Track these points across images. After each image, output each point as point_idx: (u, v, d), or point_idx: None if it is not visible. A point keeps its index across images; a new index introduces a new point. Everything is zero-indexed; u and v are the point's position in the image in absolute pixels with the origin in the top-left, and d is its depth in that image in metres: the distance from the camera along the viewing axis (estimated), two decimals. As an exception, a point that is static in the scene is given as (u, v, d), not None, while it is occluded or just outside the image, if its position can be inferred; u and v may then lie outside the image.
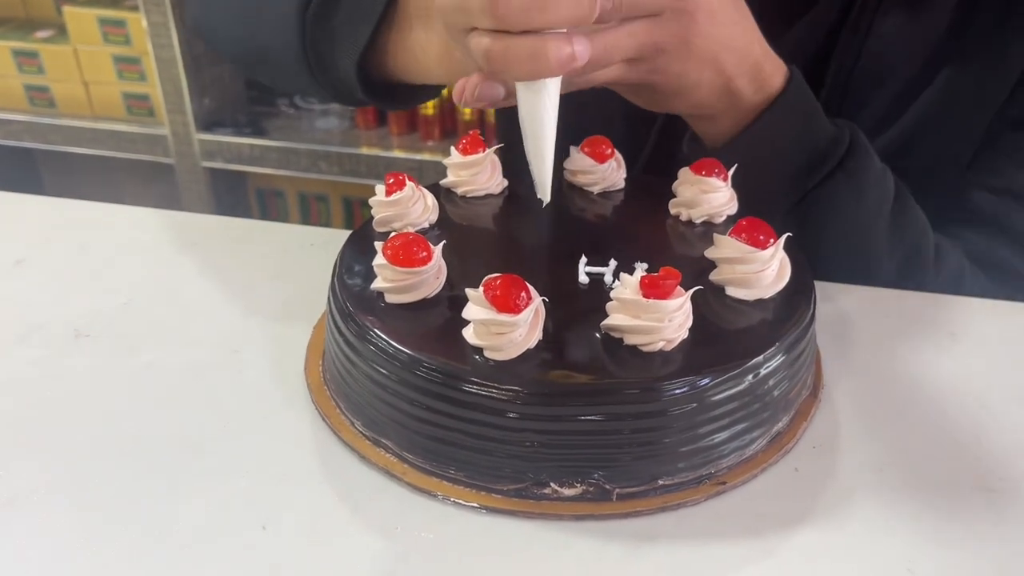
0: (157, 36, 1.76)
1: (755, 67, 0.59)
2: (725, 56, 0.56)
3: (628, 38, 0.52)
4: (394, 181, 0.56)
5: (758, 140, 0.61)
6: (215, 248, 0.70)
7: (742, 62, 0.58)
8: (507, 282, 0.45)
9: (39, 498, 0.46)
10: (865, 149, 0.64)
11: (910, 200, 0.68)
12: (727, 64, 0.57)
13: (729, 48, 0.56)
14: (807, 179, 0.63)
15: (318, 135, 1.89)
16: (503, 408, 0.44)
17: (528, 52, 0.46)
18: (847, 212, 0.64)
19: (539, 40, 0.45)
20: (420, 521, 0.45)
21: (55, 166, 2.30)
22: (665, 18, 0.53)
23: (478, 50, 0.47)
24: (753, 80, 0.59)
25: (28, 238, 0.71)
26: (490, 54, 0.46)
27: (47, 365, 0.56)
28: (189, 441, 0.50)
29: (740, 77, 0.58)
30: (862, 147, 0.63)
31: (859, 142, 0.63)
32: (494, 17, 0.45)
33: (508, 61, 0.46)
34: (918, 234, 0.68)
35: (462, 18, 0.47)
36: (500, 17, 0.45)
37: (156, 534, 0.44)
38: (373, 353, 0.47)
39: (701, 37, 0.54)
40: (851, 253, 0.67)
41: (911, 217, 0.68)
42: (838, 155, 0.62)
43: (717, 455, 0.47)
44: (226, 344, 0.58)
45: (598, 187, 0.63)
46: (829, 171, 0.62)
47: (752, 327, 0.49)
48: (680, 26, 0.53)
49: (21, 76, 1.93)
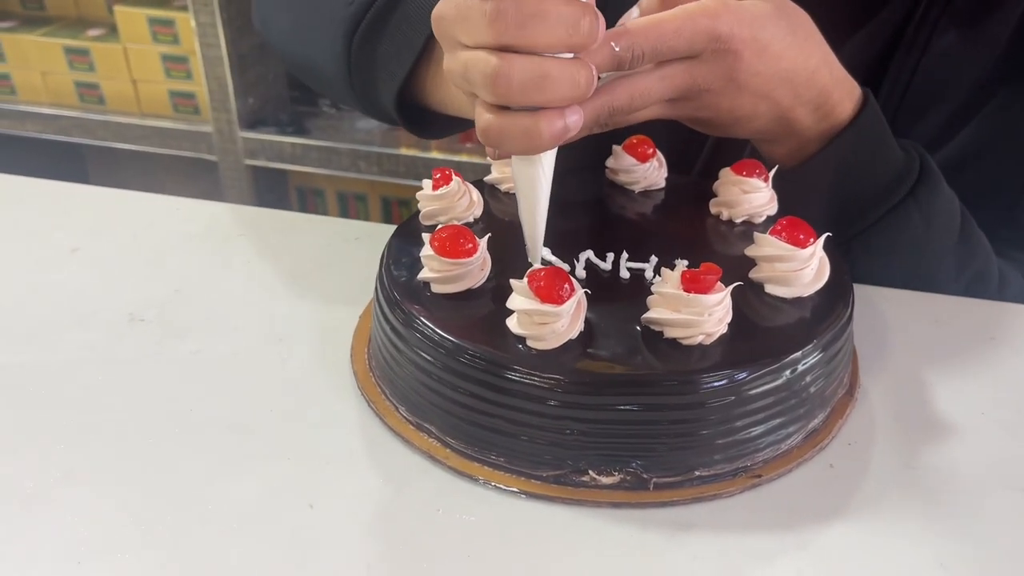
0: (204, 36, 1.79)
1: (820, 96, 0.57)
2: (781, 90, 0.55)
3: (660, 82, 0.51)
4: (441, 176, 0.58)
5: (823, 168, 0.60)
6: (262, 239, 0.72)
7: (802, 93, 0.56)
8: (551, 273, 0.46)
9: (91, 476, 0.48)
10: (936, 176, 0.62)
11: (974, 225, 0.67)
12: (784, 97, 0.55)
13: (787, 81, 0.54)
14: (877, 207, 0.61)
15: (358, 135, 1.91)
16: (544, 396, 0.45)
17: (522, 131, 0.46)
18: (916, 238, 0.63)
19: (531, 118, 0.45)
20: (461, 504, 0.46)
21: (102, 161, 2.35)
22: (704, 59, 0.51)
23: (477, 124, 0.47)
24: (817, 109, 0.57)
25: (82, 227, 0.74)
26: (487, 131, 0.47)
27: (101, 349, 0.58)
28: (238, 424, 0.52)
29: (801, 107, 0.56)
30: (933, 175, 0.62)
31: (929, 169, 0.62)
32: (495, 94, 0.45)
33: (503, 138, 0.46)
34: (983, 259, 0.67)
35: (466, 86, 0.48)
36: (500, 94, 0.45)
37: (204, 513, 0.46)
38: (419, 340, 0.48)
39: (750, 74, 0.52)
40: (918, 277, 0.66)
41: (976, 242, 0.67)
42: (909, 183, 0.61)
43: (753, 448, 0.48)
44: (273, 332, 0.60)
45: (639, 186, 0.64)
46: (900, 199, 0.61)
47: (790, 324, 0.50)
48: (724, 66, 0.52)
49: (72, 73, 1.98)
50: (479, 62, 0.45)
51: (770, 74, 0.53)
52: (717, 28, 0.50)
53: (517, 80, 0.44)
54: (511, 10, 0.43)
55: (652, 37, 0.49)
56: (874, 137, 0.60)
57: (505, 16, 0.43)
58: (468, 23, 0.45)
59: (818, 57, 0.56)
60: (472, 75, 0.46)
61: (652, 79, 0.51)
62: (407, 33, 0.61)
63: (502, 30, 0.43)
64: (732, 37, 0.51)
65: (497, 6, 0.43)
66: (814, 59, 0.55)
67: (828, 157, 0.59)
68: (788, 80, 0.54)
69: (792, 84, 0.55)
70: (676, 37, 0.50)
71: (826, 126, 0.59)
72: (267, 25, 0.78)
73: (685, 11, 0.50)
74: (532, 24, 0.43)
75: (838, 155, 0.59)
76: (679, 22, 0.50)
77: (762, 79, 0.53)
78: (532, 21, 0.43)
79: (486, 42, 0.45)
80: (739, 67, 0.52)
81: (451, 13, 0.47)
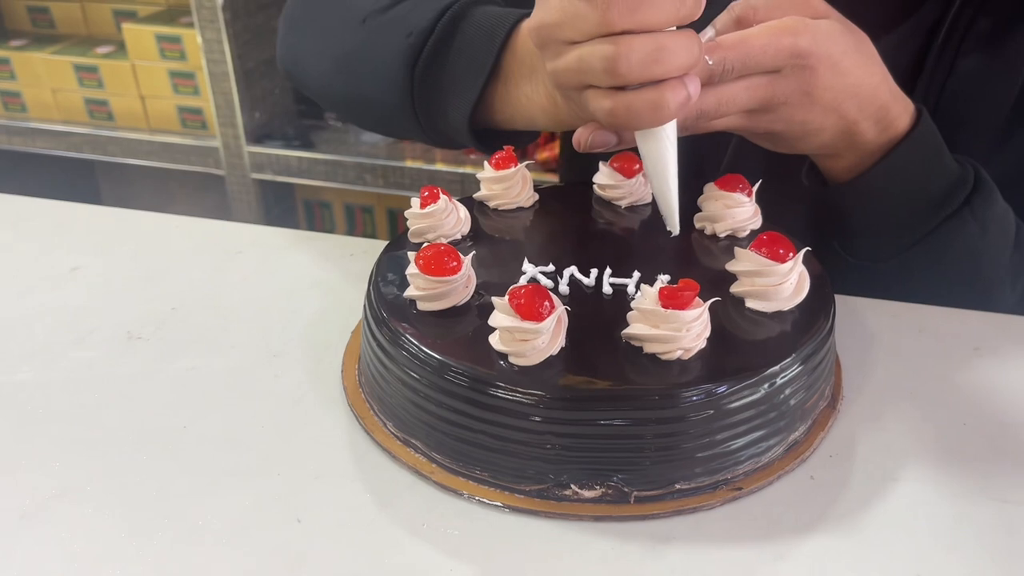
0: (211, 52, 1.81)
1: (881, 110, 0.59)
2: (849, 104, 0.57)
3: (745, 92, 0.54)
4: (429, 194, 0.59)
5: (883, 180, 0.61)
6: (259, 256, 0.73)
7: (867, 107, 0.58)
8: (531, 291, 0.47)
9: (86, 491, 0.49)
10: (989, 186, 0.64)
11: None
12: (850, 111, 0.57)
13: (854, 95, 0.56)
14: (932, 217, 0.63)
15: (364, 148, 1.93)
16: (526, 412, 0.46)
17: (649, 104, 0.49)
18: (972, 246, 0.64)
19: (657, 91, 0.48)
20: (446, 518, 0.47)
21: (112, 176, 2.38)
22: (785, 74, 0.54)
23: (600, 110, 0.50)
24: (878, 123, 0.59)
25: (83, 246, 0.75)
26: (614, 112, 0.49)
27: (99, 367, 0.59)
28: (230, 440, 0.53)
29: (864, 121, 0.58)
30: (987, 184, 0.64)
31: (983, 179, 0.64)
32: (615, 76, 0.48)
33: (631, 116, 0.49)
34: None
35: (578, 79, 0.50)
36: (621, 75, 0.48)
37: (196, 527, 0.47)
38: (405, 358, 0.49)
39: (823, 89, 0.55)
40: (975, 285, 0.67)
41: None
42: (964, 192, 0.63)
43: (734, 461, 0.49)
44: (268, 348, 0.61)
45: (625, 201, 0.65)
46: (955, 208, 0.63)
47: (770, 338, 0.51)
48: (801, 80, 0.54)
49: (82, 90, 2.01)
50: (595, 51, 0.48)
51: (840, 88, 0.56)
52: (799, 45, 0.53)
53: (636, 58, 0.47)
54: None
55: (741, 52, 0.52)
56: (930, 149, 0.62)
57: (616, 4, 0.46)
58: (577, 19, 0.48)
59: (879, 74, 0.58)
60: (590, 64, 0.48)
61: (738, 88, 0.54)
62: (472, 56, 0.62)
63: (615, 17, 0.46)
64: (811, 54, 0.53)
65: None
66: (876, 76, 0.58)
67: (888, 168, 0.61)
68: (855, 95, 0.57)
69: (858, 98, 0.57)
70: (762, 53, 0.53)
71: (885, 139, 0.60)
72: (300, 67, 0.78)
73: (769, 29, 0.53)
74: (642, 7, 0.46)
75: (897, 166, 0.61)
76: (765, 39, 0.53)
77: (833, 93, 0.55)
78: (642, 4, 0.46)
79: (599, 32, 0.48)
80: (814, 82, 0.54)
81: (554, 17, 0.50)
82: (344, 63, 0.71)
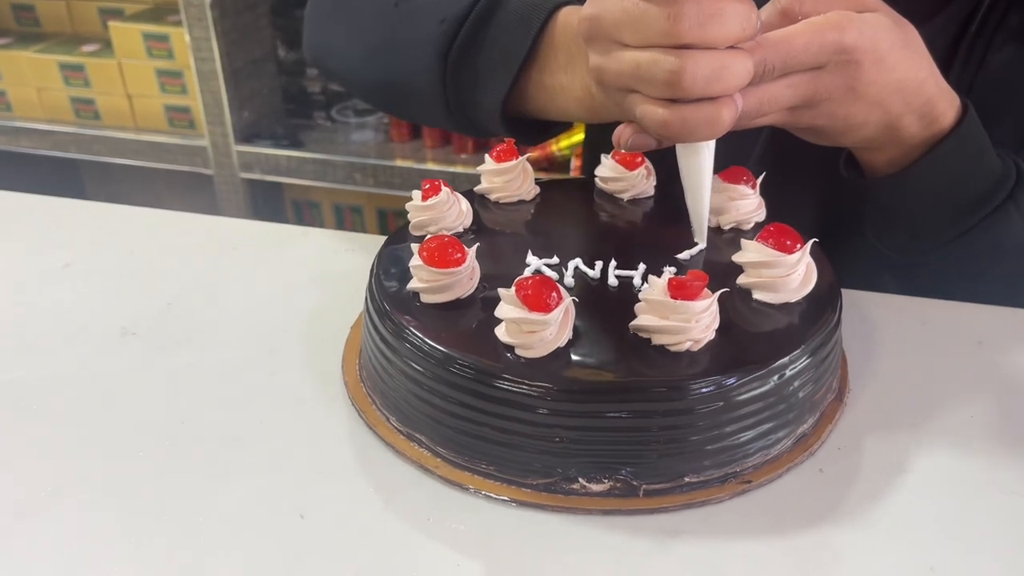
0: (199, 50, 1.80)
1: (926, 105, 0.58)
2: (893, 99, 0.56)
3: (788, 89, 0.53)
4: (430, 187, 0.58)
5: (927, 174, 0.61)
6: (254, 252, 0.72)
7: (912, 102, 0.57)
8: (538, 282, 0.47)
9: (83, 489, 0.48)
10: None
11: None
12: (895, 105, 0.56)
13: (899, 90, 0.56)
14: (978, 210, 0.63)
15: (353, 148, 1.92)
16: (533, 404, 0.45)
17: (705, 120, 0.49)
18: (1018, 240, 0.64)
19: (714, 107, 0.49)
20: (452, 513, 0.47)
21: (98, 176, 2.35)
22: (828, 70, 0.53)
23: (652, 119, 0.50)
24: (923, 117, 0.58)
25: (76, 242, 0.74)
26: (668, 124, 0.49)
27: (93, 363, 0.58)
28: (229, 436, 0.52)
29: (908, 115, 0.58)
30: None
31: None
32: (676, 89, 0.48)
33: (686, 129, 0.49)
34: None
35: (629, 83, 0.50)
36: (684, 90, 0.48)
37: (196, 524, 0.46)
38: (409, 351, 0.49)
39: (867, 84, 0.54)
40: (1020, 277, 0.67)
41: None
42: (1008, 187, 0.62)
43: (742, 454, 0.48)
44: (265, 344, 0.60)
45: (628, 194, 0.64)
46: (1000, 202, 0.62)
47: (778, 330, 0.50)
48: (846, 76, 0.53)
49: (67, 89, 1.98)
50: (658, 62, 0.48)
51: (885, 83, 0.55)
52: (843, 41, 0.52)
53: (702, 75, 0.47)
54: (692, 11, 0.46)
55: (783, 51, 0.51)
56: (975, 144, 0.62)
57: (687, 17, 0.46)
58: (640, 23, 0.48)
59: (926, 69, 0.57)
60: (650, 72, 0.48)
61: (780, 86, 0.53)
62: (506, 44, 0.62)
63: (684, 30, 0.46)
64: (856, 49, 0.52)
65: (679, 9, 0.46)
66: (923, 71, 0.57)
67: (932, 163, 0.60)
68: (900, 89, 0.56)
69: (903, 93, 0.56)
70: (805, 51, 0.52)
71: (929, 134, 0.60)
72: (328, 54, 0.77)
73: (813, 25, 0.52)
74: (712, 23, 0.46)
75: (942, 161, 0.60)
76: (808, 36, 0.52)
77: (877, 88, 0.55)
78: (712, 20, 0.46)
79: (663, 42, 0.47)
80: (859, 77, 0.54)
81: (614, 16, 0.49)
82: (375, 50, 0.70)
